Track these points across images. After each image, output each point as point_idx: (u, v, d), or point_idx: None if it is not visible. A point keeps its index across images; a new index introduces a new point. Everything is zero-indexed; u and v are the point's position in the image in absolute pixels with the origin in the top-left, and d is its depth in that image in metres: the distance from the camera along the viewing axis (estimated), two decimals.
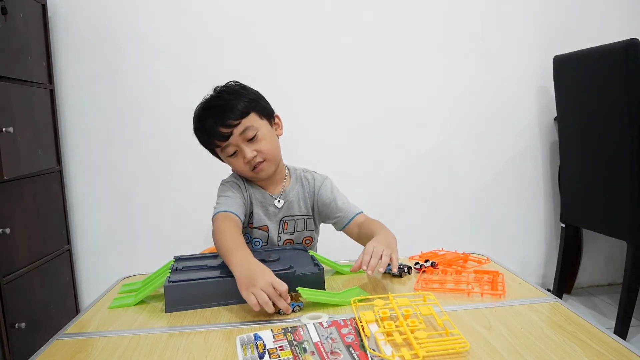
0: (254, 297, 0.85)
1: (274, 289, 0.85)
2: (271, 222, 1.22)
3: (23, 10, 1.75)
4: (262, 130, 1.15)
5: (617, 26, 2.20)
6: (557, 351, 0.71)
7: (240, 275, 0.90)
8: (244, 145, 1.13)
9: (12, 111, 1.64)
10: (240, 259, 0.94)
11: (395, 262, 0.99)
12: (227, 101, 1.13)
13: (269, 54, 2.11)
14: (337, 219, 1.25)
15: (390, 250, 1.00)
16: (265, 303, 0.84)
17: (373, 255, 0.97)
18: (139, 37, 2.07)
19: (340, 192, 1.28)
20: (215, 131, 1.12)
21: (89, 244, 2.15)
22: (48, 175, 1.91)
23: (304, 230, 1.26)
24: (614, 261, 2.39)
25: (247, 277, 0.88)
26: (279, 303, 0.86)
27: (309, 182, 1.26)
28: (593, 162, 1.97)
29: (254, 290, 0.85)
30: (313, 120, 2.17)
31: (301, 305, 0.89)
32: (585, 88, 1.95)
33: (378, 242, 1.02)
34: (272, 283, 0.86)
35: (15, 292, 1.61)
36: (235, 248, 0.98)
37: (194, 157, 2.13)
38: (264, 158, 1.14)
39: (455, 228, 2.32)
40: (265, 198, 1.22)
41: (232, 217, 1.11)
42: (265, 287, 0.85)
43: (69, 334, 0.85)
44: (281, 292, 0.86)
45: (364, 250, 1.00)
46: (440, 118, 2.26)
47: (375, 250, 0.98)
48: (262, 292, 0.85)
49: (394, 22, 2.18)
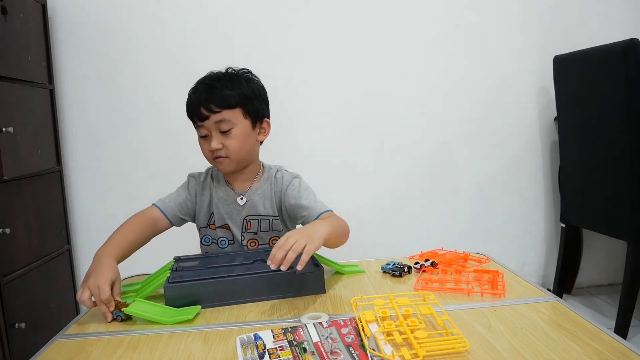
0: (81, 290, 0.92)
1: (98, 292, 0.90)
2: (233, 221, 1.20)
3: (23, 10, 1.75)
4: (239, 128, 1.13)
5: (617, 26, 2.20)
6: (557, 350, 0.71)
7: (90, 268, 0.98)
8: (215, 134, 1.12)
9: (12, 111, 1.64)
10: (99, 253, 1.02)
11: (304, 257, 0.87)
12: (221, 87, 1.12)
13: (269, 54, 2.11)
14: (303, 219, 1.16)
15: (307, 239, 0.89)
16: (82, 300, 0.91)
17: (281, 248, 0.87)
18: (139, 37, 2.07)
19: (308, 191, 1.19)
20: (196, 108, 1.12)
21: (89, 244, 2.15)
22: (48, 175, 1.91)
23: (270, 231, 1.20)
24: (614, 261, 2.39)
25: (89, 271, 0.96)
26: (100, 306, 0.90)
27: (277, 182, 1.21)
28: (593, 162, 1.97)
29: (84, 284, 0.93)
30: (313, 121, 2.18)
31: (122, 316, 0.89)
32: (585, 88, 1.95)
33: (295, 232, 0.93)
34: (99, 286, 0.90)
35: (15, 292, 1.61)
36: (109, 241, 1.07)
37: (194, 157, 2.13)
38: (226, 154, 1.13)
39: (455, 228, 2.32)
40: (228, 195, 1.20)
41: (154, 212, 1.17)
42: (92, 287, 0.91)
43: (69, 335, 0.86)
44: (103, 299, 0.90)
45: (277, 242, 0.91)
46: (440, 118, 2.26)
47: (287, 241, 0.88)
48: (86, 289, 0.91)
49: (394, 21, 2.18)
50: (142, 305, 0.90)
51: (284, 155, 1.26)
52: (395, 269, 1.08)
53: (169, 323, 0.86)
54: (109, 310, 0.89)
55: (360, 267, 1.13)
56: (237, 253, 1.16)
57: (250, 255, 1.08)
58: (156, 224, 1.17)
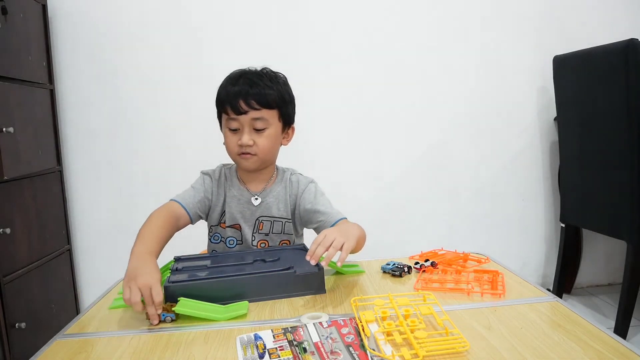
0: (129, 291, 0.85)
1: (150, 294, 0.85)
2: (245, 221, 1.20)
3: (23, 10, 1.75)
4: (272, 129, 1.14)
5: (617, 26, 2.21)
6: (557, 350, 0.71)
7: (130, 266, 0.91)
8: (248, 129, 1.12)
9: (12, 111, 1.64)
10: (139, 251, 0.95)
11: (343, 255, 0.91)
12: (264, 85, 1.12)
13: (269, 55, 2.10)
14: (319, 224, 1.18)
15: (344, 238, 0.92)
16: (135, 302, 0.84)
17: (321, 244, 0.91)
18: (139, 37, 2.07)
19: (324, 197, 1.22)
20: (234, 101, 1.10)
21: (89, 244, 2.16)
22: (48, 175, 1.91)
23: (281, 234, 1.21)
24: (614, 261, 2.39)
25: (135, 271, 0.89)
26: (149, 308, 0.85)
27: (292, 185, 1.22)
28: (593, 162, 1.97)
29: (132, 285, 0.86)
30: (312, 121, 2.17)
31: (172, 316, 0.86)
32: (585, 88, 1.95)
33: (332, 230, 0.96)
34: (151, 288, 0.85)
35: (15, 292, 1.61)
36: (143, 239, 0.99)
37: (194, 157, 2.14)
38: (255, 152, 1.13)
39: (455, 228, 2.33)
40: (242, 195, 1.20)
41: (176, 208, 1.13)
42: (143, 288, 0.85)
43: (69, 334, 0.85)
44: (155, 302, 0.85)
45: (315, 239, 0.94)
46: (440, 118, 2.26)
47: (327, 238, 0.91)
48: (137, 290, 0.85)
49: (394, 21, 2.18)
50: (190, 304, 0.87)
51: (283, 156, 1.26)
52: (395, 269, 1.08)
53: (223, 320, 0.86)
54: (156, 312, 0.85)
55: (360, 267, 1.13)
56: (237, 253, 1.16)
57: (250, 256, 1.08)
58: (178, 220, 1.14)
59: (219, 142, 1.21)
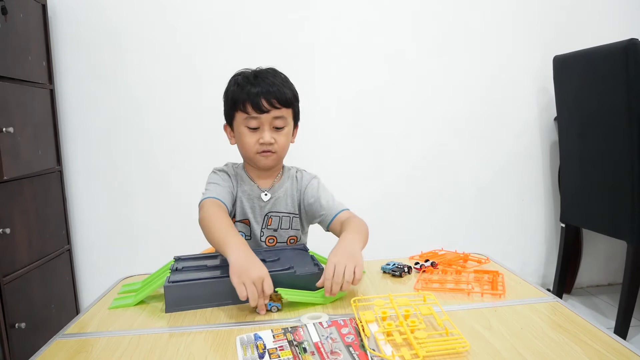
0: (244, 288, 0.85)
1: (262, 287, 0.86)
2: (255, 216, 1.21)
3: (23, 10, 1.75)
4: (288, 127, 1.17)
5: (617, 26, 2.21)
6: (557, 351, 0.71)
7: (237, 260, 0.89)
8: (268, 128, 1.13)
9: (12, 111, 1.64)
10: (237, 244, 0.94)
11: (357, 277, 0.91)
12: (282, 85, 1.14)
13: (270, 54, 2.11)
14: (321, 218, 1.21)
15: (354, 263, 0.92)
16: (254, 299, 0.85)
17: (334, 281, 0.90)
18: (139, 36, 2.07)
19: (326, 191, 1.24)
20: (256, 99, 1.11)
21: (89, 244, 2.16)
22: (48, 175, 1.91)
23: (289, 229, 1.24)
24: (614, 261, 2.39)
25: (243, 265, 0.88)
26: (259, 300, 0.87)
27: (297, 181, 1.26)
28: (593, 162, 1.97)
29: (246, 281, 0.86)
30: (312, 121, 2.17)
31: (279, 306, 0.89)
32: (585, 88, 1.95)
33: (338, 257, 0.94)
34: (264, 280, 0.87)
35: (15, 292, 1.61)
36: (231, 234, 0.98)
37: (195, 157, 2.14)
38: (275, 150, 1.16)
39: (455, 228, 2.32)
40: (253, 191, 1.21)
41: (220, 204, 1.10)
42: (257, 282, 0.86)
43: (69, 334, 0.85)
44: (266, 293, 0.87)
45: (324, 271, 0.93)
46: (440, 118, 2.26)
47: (337, 271, 0.91)
48: (252, 286, 0.85)
49: (394, 21, 2.18)
50: (291, 292, 0.90)
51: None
52: (395, 269, 1.08)
53: (327, 302, 0.92)
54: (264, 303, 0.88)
55: None
56: None
57: None
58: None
59: (218, 142, 1.21)
